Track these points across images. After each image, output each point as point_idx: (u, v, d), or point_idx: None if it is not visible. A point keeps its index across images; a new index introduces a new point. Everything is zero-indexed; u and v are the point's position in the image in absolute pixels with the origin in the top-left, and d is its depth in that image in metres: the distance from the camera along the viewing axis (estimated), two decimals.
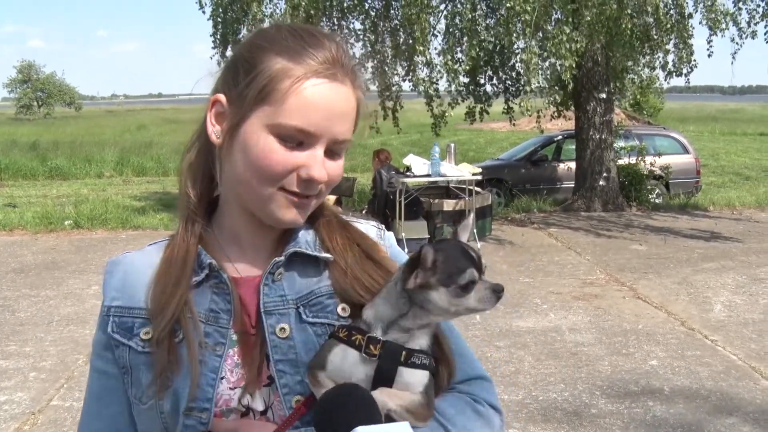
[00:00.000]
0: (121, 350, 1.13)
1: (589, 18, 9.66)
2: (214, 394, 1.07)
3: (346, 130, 1.09)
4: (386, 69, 11.82)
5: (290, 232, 1.17)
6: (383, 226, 1.30)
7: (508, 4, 9.37)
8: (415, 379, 1.04)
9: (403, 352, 1.04)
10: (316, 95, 1.04)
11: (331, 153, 1.09)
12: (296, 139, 1.05)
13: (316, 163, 1.06)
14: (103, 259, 9.38)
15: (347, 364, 1.04)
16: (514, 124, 14.89)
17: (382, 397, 1.01)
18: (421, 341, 1.06)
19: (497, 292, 1.03)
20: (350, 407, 0.94)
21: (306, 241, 1.17)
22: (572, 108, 13.84)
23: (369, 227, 1.26)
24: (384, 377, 1.03)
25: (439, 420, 1.07)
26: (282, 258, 1.13)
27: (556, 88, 11.31)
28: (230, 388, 1.09)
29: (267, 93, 1.04)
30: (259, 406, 1.09)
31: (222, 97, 1.10)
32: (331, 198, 10.17)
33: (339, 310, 1.13)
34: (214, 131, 1.11)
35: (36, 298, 7.69)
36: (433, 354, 1.08)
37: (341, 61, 1.08)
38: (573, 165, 13.96)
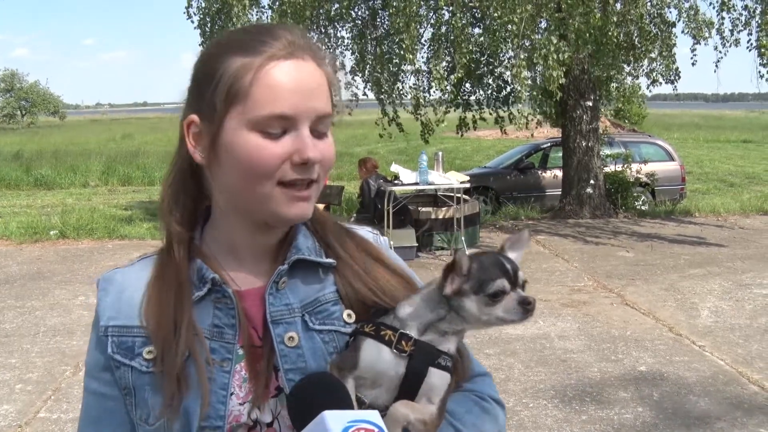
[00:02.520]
0: (123, 371, 1.10)
1: (575, 27, 9.72)
2: (225, 411, 1.06)
3: (324, 103, 1.06)
4: (383, 76, 11.82)
5: (289, 239, 1.15)
6: (378, 231, 1.30)
7: (495, 14, 9.43)
8: (440, 382, 1.05)
9: (433, 352, 1.06)
10: (280, 76, 1.02)
11: (317, 133, 1.06)
12: (278, 126, 1.02)
13: (306, 144, 1.03)
14: (90, 269, 9.32)
15: (380, 361, 1.04)
16: (505, 132, 14.97)
17: (405, 409, 1.02)
18: (449, 345, 1.08)
19: (525, 304, 1.03)
20: (320, 393, 0.95)
21: (307, 247, 1.15)
22: (554, 117, 13.94)
23: (366, 233, 1.26)
24: (415, 376, 1.03)
25: (449, 420, 1.08)
26: (285, 266, 1.12)
27: (542, 98, 11.39)
28: (240, 404, 1.08)
29: (234, 93, 1.02)
30: (266, 417, 1.08)
31: (195, 117, 1.08)
32: (320, 206, 10.17)
33: (345, 316, 1.12)
34: (197, 152, 1.09)
35: (21, 309, 7.62)
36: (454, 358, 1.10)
37: (297, 43, 1.06)
38: (560, 172, 14.04)
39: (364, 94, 12.87)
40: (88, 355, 1.16)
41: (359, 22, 12.61)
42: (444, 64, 11.15)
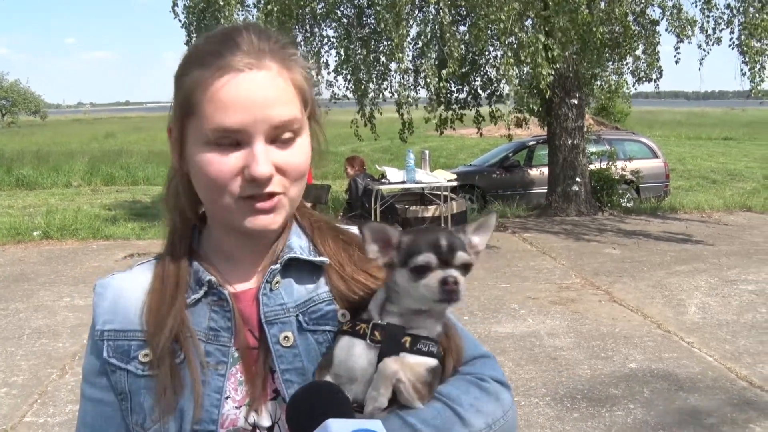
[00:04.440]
0: (119, 375, 1.09)
1: (561, 25, 9.74)
2: (219, 414, 1.05)
3: (284, 110, 1.02)
4: (361, 76, 11.78)
5: (283, 240, 1.15)
6: None
7: (481, 12, 9.43)
8: (418, 363, 1.02)
9: (409, 339, 1.02)
10: (229, 92, 0.99)
11: (282, 141, 1.03)
12: (228, 140, 1.00)
13: (256, 160, 1.00)
14: (74, 270, 9.22)
15: (351, 354, 1.03)
16: (481, 134, 15.02)
17: (395, 366, 0.99)
18: (426, 327, 1.05)
19: (444, 284, 0.99)
20: (321, 402, 0.94)
21: (300, 246, 1.15)
22: (537, 116, 14.00)
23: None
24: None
25: (444, 402, 1.04)
26: (278, 265, 1.11)
27: (528, 96, 11.42)
28: (236, 407, 1.07)
29: (187, 107, 1.02)
30: (265, 422, 1.07)
31: (171, 125, 1.10)
32: (307, 205, 10.16)
33: (339, 316, 1.12)
34: (174, 158, 1.11)
35: (5, 311, 7.50)
36: (441, 342, 1.07)
37: (258, 48, 1.02)
38: (545, 170, 14.08)
39: (345, 96, 12.83)
40: (84, 360, 1.15)
41: (345, 21, 12.56)
42: (432, 60, 11.09)
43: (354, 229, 1.24)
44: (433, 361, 1.03)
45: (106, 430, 1.10)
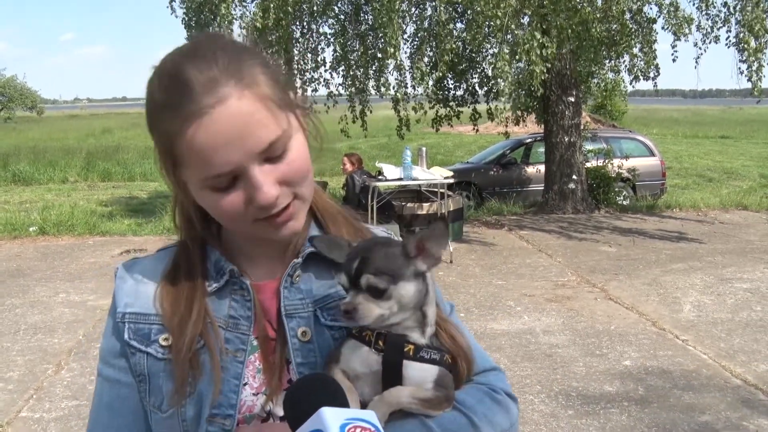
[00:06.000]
0: (138, 357, 1.10)
1: (558, 23, 9.73)
2: (237, 400, 1.07)
3: (265, 131, 0.97)
4: (357, 73, 11.77)
5: (303, 234, 1.17)
6: (392, 232, 1.29)
7: (477, 8, 9.42)
8: (423, 374, 1.05)
9: (412, 347, 1.05)
10: (207, 138, 0.95)
11: (273, 158, 1.00)
12: (223, 181, 0.99)
13: (257, 189, 0.99)
14: (71, 266, 9.21)
15: (356, 357, 1.05)
16: (476, 131, 15.03)
17: (392, 394, 1.03)
18: (413, 335, 1.07)
19: (341, 310, 1.03)
20: (317, 392, 0.95)
21: None
22: (534, 113, 13.99)
23: (379, 232, 1.27)
24: (390, 368, 1.04)
25: (460, 409, 1.09)
26: (300, 259, 1.14)
27: (523, 93, 11.42)
28: (253, 394, 1.09)
29: (173, 159, 1.01)
30: (280, 411, 1.08)
31: (160, 164, 1.08)
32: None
33: None
34: (174, 189, 1.12)
35: (1, 306, 7.49)
36: (448, 350, 1.10)
37: (208, 79, 0.95)
38: (542, 168, 14.09)
39: (339, 93, 12.81)
40: (103, 340, 1.16)
41: (342, 17, 12.54)
42: (426, 59, 11.09)
43: (375, 229, 1.26)
44: (435, 374, 1.05)
45: (123, 409, 1.12)
